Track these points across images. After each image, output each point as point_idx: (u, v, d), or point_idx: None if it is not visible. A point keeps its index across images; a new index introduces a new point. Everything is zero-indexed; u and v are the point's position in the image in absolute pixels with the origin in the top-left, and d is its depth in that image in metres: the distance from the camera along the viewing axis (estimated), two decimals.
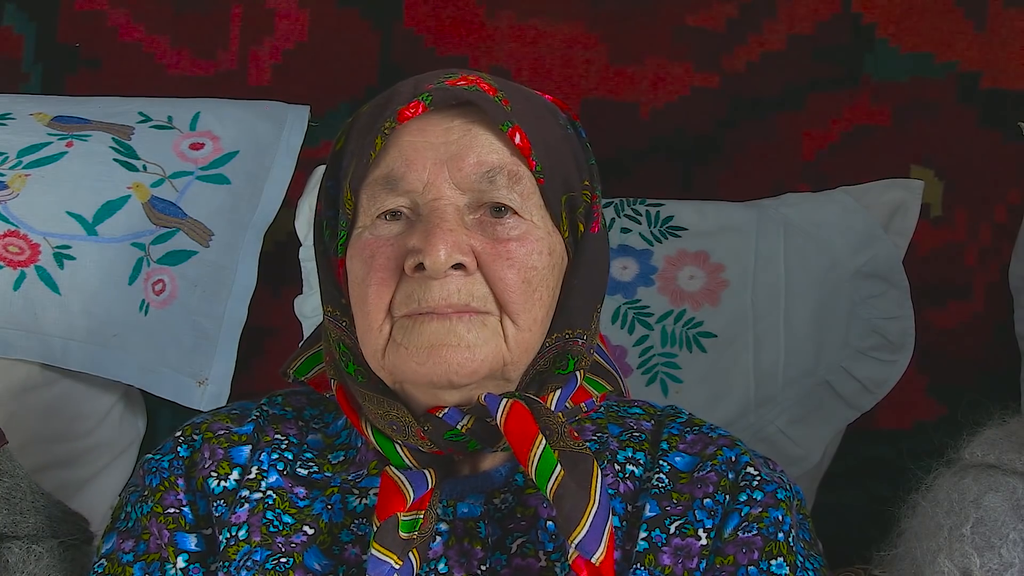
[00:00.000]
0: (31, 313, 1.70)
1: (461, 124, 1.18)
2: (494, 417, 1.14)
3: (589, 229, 1.23)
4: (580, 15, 1.99)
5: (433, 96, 1.17)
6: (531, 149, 1.18)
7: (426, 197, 1.16)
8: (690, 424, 1.26)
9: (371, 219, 1.18)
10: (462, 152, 1.17)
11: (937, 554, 1.16)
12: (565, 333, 1.21)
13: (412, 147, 1.17)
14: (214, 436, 1.25)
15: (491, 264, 1.15)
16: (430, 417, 1.16)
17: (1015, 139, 1.89)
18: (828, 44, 1.95)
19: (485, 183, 1.16)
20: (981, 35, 1.92)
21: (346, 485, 1.21)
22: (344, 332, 1.21)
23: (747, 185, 1.92)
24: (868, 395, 1.76)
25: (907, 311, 1.77)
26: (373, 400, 1.18)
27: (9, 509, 1.34)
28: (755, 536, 1.17)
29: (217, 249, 1.77)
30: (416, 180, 1.16)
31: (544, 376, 1.21)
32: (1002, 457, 1.20)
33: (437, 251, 1.12)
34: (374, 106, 1.22)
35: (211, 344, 1.76)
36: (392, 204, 1.17)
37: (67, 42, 2.04)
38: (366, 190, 1.18)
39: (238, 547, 1.18)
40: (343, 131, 1.25)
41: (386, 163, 1.17)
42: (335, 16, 2.01)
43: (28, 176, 1.74)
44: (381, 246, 1.16)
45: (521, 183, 1.18)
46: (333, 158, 1.25)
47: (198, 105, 1.88)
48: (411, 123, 1.17)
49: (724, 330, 1.76)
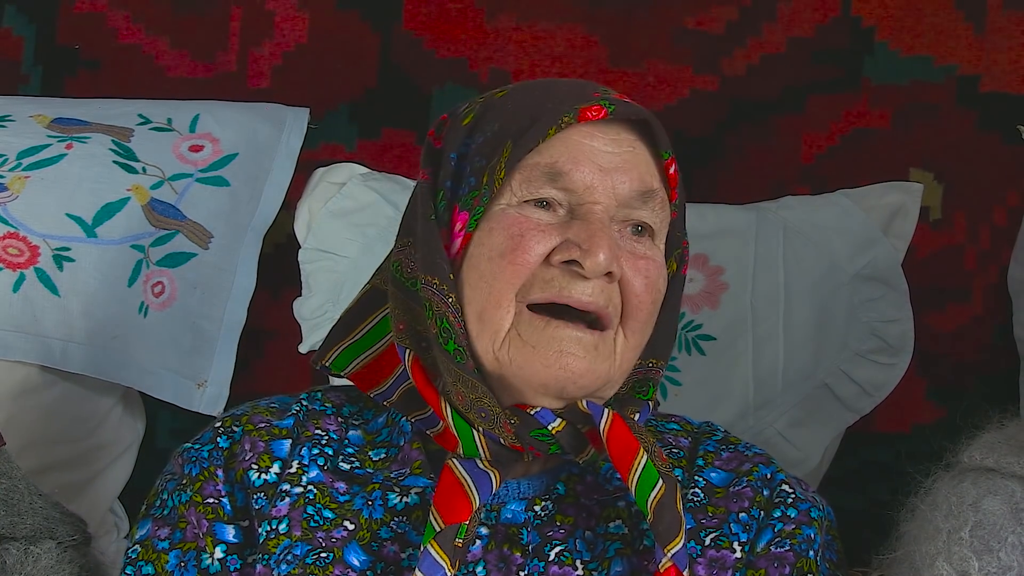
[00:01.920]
0: (30, 315, 1.70)
1: (628, 140, 1.20)
2: (597, 425, 1.15)
3: (680, 270, 1.26)
4: (580, 17, 1.99)
5: (616, 106, 1.19)
6: (678, 183, 1.22)
7: (585, 198, 1.17)
8: (726, 442, 1.28)
9: (519, 200, 1.18)
10: (626, 167, 1.19)
11: (936, 558, 1.16)
12: (649, 362, 1.23)
13: (581, 148, 1.18)
14: (255, 428, 1.24)
15: (630, 277, 1.17)
16: (519, 412, 1.16)
17: (1014, 142, 1.89)
18: (827, 47, 1.95)
19: (639, 202, 1.19)
20: (981, 38, 1.92)
21: (388, 482, 1.21)
22: (449, 308, 1.17)
23: (746, 188, 1.92)
24: (867, 398, 1.76)
25: (906, 314, 1.77)
26: (468, 383, 1.16)
27: (7, 511, 1.34)
28: (787, 552, 1.18)
29: (216, 251, 1.77)
30: (580, 180, 1.17)
31: (625, 399, 1.22)
32: (1001, 461, 1.20)
33: (599, 253, 1.14)
34: (529, 93, 1.23)
35: (210, 346, 1.76)
36: (548, 194, 1.17)
37: (67, 44, 2.04)
38: (521, 171, 1.18)
39: (278, 540, 1.18)
40: (472, 110, 1.24)
41: (550, 154, 1.18)
42: (335, 18, 2.01)
43: (28, 178, 1.74)
44: (531, 227, 1.16)
45: (664, 211, 1.21)
46: (458, 131, 1.23)
47: (198, 107, 1.88)
48: (586, 125, 1.19)
49: (723, 333, 1.76)
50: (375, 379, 1.25)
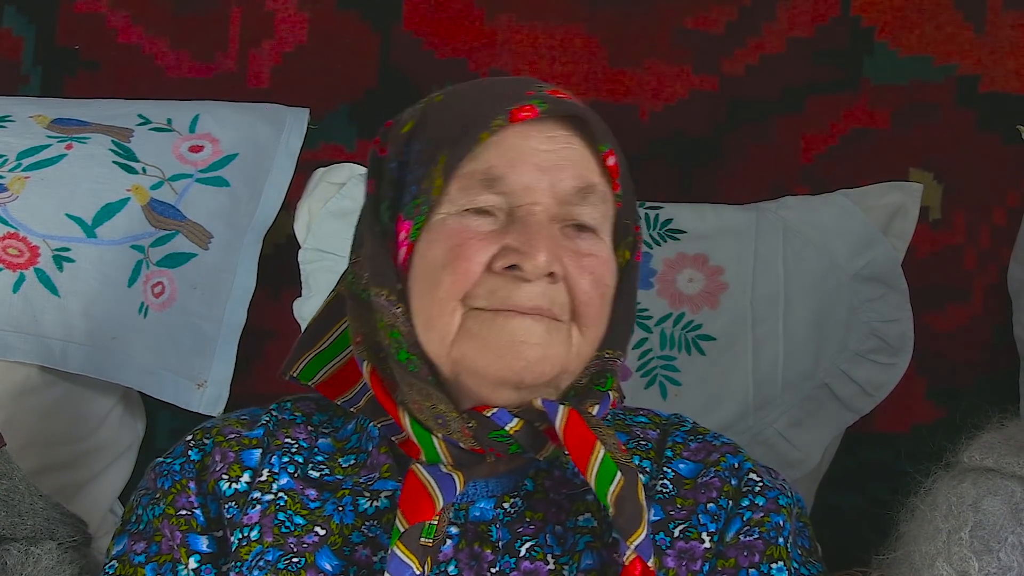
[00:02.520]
0: (30, 315, 1.70)
1: (564, 137, 1.19)
2: (553, 422, 1.15)
3: (633, 257, 1.25)
4: (579, 18, 1.99)
5: (548, 104, 1.18)
6: (619, 173, 1.21)
7: (523, 200, 1.16)
8: (694, 432, 1.28)
9: (458, 209, 1.17)
10: (563, 164, 1.18)
11: (936, 558, 1.16)
12: (606, 353, 1.22)
13: (516, 150, 1.17)
14: (225, 439, 1.25)
15: (575, 276, 1.16)
16: (476, 415, 1.16)
17: (1014, 142, 1.89)
18: (827, 47, 1.95)
19: (578, 198, 1.18)
20: (980, 38, 1.92)
21: (357, 487, 1.22)
22: (399, 319, 1.18)
23: (746, 188, 1.92)
24: (867, 398, 1.76)
25: (906, 314, 1.77)
26: (422, 391, 1.17)
27: (7, 511, 1.34)
28: (756, 540, 1.19)
29: (216, 252, 1.77)
30: (516, 183, 1.16)
31: (583, 392, 1.22)
32: (1000, 461, 1.20)
33: (538, 255, 1.13)
34: (463, 98, 1.22)
35: (210, 346, 1.76)
36: (485, 202, 1.17)
37: (66, 44, 2.04)
38: (459, 180, 1.17)
39: (250, 547, 1.19)
40: (413, 116, 1.24)
41: (485, 159, 1.17)
42: (334, 18, 2.01)
43: (27, 178, 1.74)
44: (470, 237, 1.16)
45: (605, 204, 1.20)
46: (399, 139, 1.23)
47: (197, 107, 1.88)
48: (520, 126, 1.18)
49: (723, 333, 1.76)
50: (342, 387, 1.26)
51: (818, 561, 1.25)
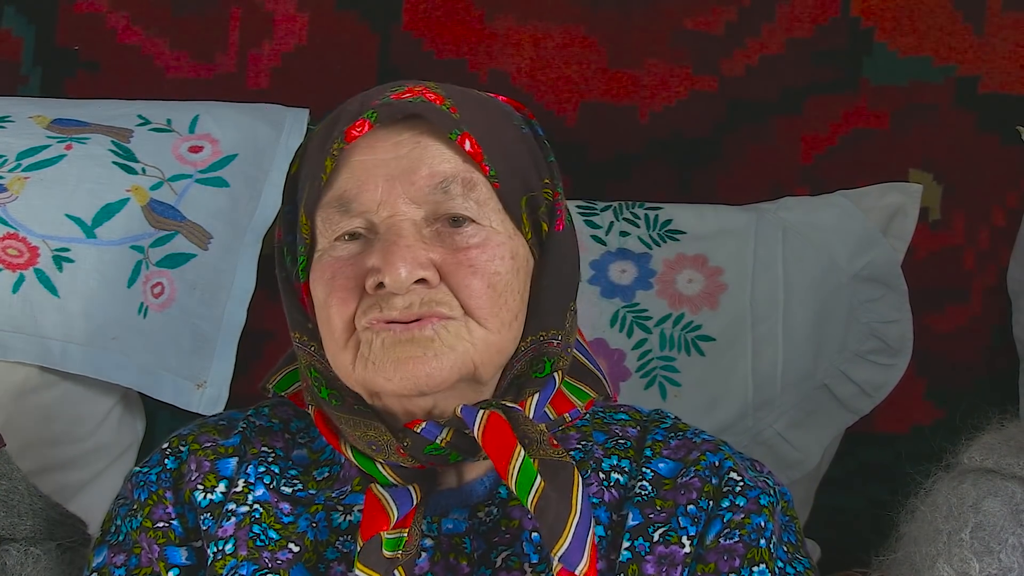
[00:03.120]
0: (30, 316, 1.70)
1: (410, 137, 1.17)
2: (471, 428, 1.13)
3: (553, 228, 1.22)
4: (579, 18, 1.99)
5: (379, 112, 1.17)
6: (483, 155, 1.18)
7: (381, 215, 1.16)
8: (674, 429, 1.25)
9: (328, 242, 1.18)
10: (413, 166, 1.16)
11: (936, 559, 1.16)
12: (539, 335, 1.20)
13: (362, 166, 1.16)
14: (200, 448, 1.24)
15: (454, 274, 1.15)
16: (408, 432, 1.16)
17: (1013, 143, 1.89)
18: (826, 48, 1.95)
19: (439, 194, 1.16)
20: (980, 39, 1.92)
21: (330, 502, 1.21)
22: (313, 357, 1.21)
23: (745, 189, 1.92)
24: (866, 399, 1.76)
25: (905, 315, 1.77)
26: (350, 423, 1.18)
27: (7, 512, 1.34)
28: (736, 543, 1.16)
29: (216, 252, 1.77)
30: (369, 200, 1.16)
31: (522, 380, 1.20)
32: (1001, 462, 1.20)
33: (397, 269, 1.12)
34: (324, 127, 1.22)
35: (210, 347, 1.76)
36: (348, 226, 1.17)
37: (66, 45, 2.04)
38: (320, 213, 1.18)
39: (225, 561, 1.18)
40: (297, 155, 1.24)
41: (338, 185, 1.17)
42: (334, 19, 2.01)
43: (27, 179, 1.74)
44: (341, 267, 1.16)
45: (476, 190, 1.17)
46: (290, 183, 1.24)
47: (197, 108, 1.88)
48: (360, 141, 1.17)
49: (723, 333, 1.76)
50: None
51: (805, 556, 1.22)
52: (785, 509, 1.23)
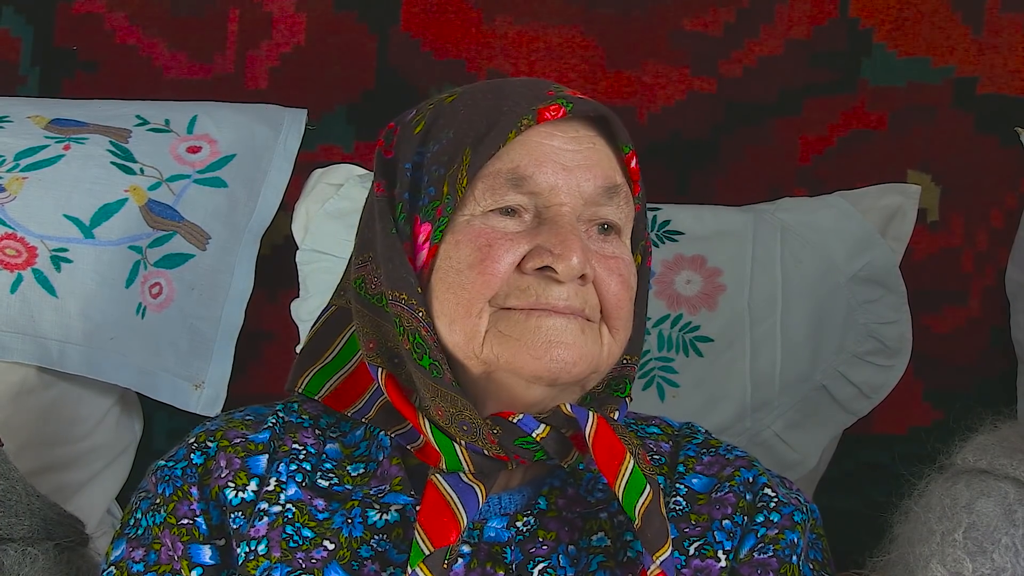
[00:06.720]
0: (28, 316, 1.70)
1: (587, 136, 1.19)
2: (583, 429, 1.14)
3: (645, 262, 1.25)
4: (577, 19, 1.99)
5: (574, 104, 1.18)
6: (640, 176, 1.21)
7: (551, 200, 1.16)
8: (706, 445, 1.26)
9: (483, 210, 1.16)
10: (589, 163, 1.17)
11: (930, 559, 1.16)
12: (624, 359, 1.22)
13: (542, 149, 1.17)
14: (230, 444, 1.22)
15: (604, 280, 1.16)
16: (502, 421, 1.15)
17: (1012, 144, 1.89)
18: (825, 49, 1.95)
19: (604, 198, 1.18)
20: (978, 40, 1.92)
21: (367, 499, 1.19)
22: (421, 323, 1.16)
23: (744, 190, 1.92)
24: (864, 400, 1.76)
25: (904, 316, 1.77)
26: (447, 398, 1.15)
27: (4, 512, 1.34)
28: (771, 558, 1.18)
29: (214, 252, 1.78)
30: (544, 182, 1.16)
31: (602, 398, 1.21)
32: (994, 462, 1.20)
33: (572, 258, 1.13)
34: (483, 98, 1.20)
35: (208, 347, 1.76)
36: (512, 200, 1.16)
37: (64, 45, 2.04)
38: (484, 179, 1.16)
39: (257, 562, 1.16)
40: (423, 117, 1.22)
41: (511, 158, 1.16)
42: (332, 20, 2.01)
43: (25, 179, 1.74)
44: (498, 238, 1.15)
45: (628, 206, 1.20)
46: (408, 140, 1.22)
47: (195, 108, 1.88)
48: (542, 125, 1.17)
49: (721, 334, 1.76)
50: (350, 398, 1.24)
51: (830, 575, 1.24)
52: (814, 527, 1.24)
